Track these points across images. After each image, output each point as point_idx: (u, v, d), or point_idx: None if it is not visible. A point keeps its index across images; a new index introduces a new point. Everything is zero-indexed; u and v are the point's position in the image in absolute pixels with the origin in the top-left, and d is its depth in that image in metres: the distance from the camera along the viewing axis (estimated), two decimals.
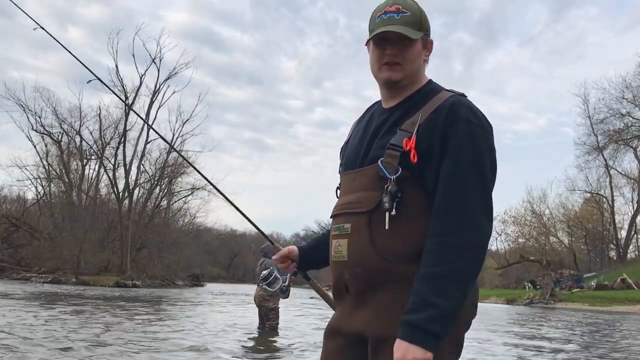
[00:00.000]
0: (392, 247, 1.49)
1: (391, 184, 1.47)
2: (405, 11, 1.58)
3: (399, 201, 1.47)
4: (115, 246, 40.64)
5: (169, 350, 6.46)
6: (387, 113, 1.65)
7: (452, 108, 1.51)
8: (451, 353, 1.50)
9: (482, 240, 1.44)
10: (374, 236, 1.50)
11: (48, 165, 43.74)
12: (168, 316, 12.27)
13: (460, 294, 1.39)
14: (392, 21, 1.57)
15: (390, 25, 1.56)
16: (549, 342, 10.04)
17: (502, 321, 16.66)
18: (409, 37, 1.55)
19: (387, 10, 1.59)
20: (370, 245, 1.50)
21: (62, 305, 13.11)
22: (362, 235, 1.53)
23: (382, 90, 1.69)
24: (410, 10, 1.59)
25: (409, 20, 1.57)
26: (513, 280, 53.05)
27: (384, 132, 1.60)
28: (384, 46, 1.58)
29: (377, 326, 1.48)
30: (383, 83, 1.64)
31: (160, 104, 43.22)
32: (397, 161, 1.50)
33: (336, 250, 1.61)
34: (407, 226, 1.48)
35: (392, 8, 1.58)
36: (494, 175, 1.52)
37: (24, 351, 5.76)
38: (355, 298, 1.57)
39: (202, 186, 45.45)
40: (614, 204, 52.23)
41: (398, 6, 1.59)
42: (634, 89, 47.08)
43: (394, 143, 1.52)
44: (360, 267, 1.53)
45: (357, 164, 1.63)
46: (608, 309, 28.88)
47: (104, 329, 8.18)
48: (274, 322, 8.91)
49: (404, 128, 1.54)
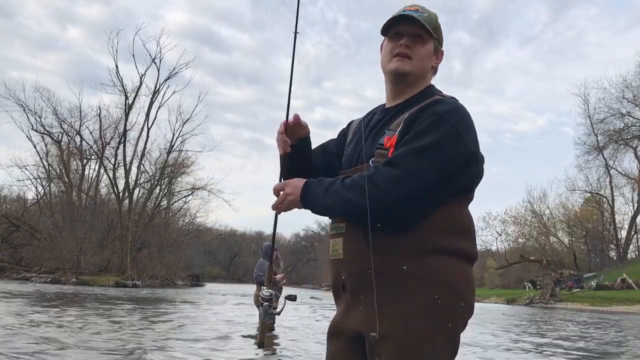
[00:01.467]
0: (386, 244, 1.51)
1: None
2: (423, 12, 1.67)
3: None
4: (115, 246, 40.62)
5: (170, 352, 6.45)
6: (384, 113, 1.71)
7: (431, 104, 1.57)
8: (445, 349, 1.51)
9: (376, 197, 1.47)
10: (368, 234, 1.52)
11: (48, 165, 43.77)
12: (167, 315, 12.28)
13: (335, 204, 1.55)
14: (410, 15, 1.65)
15: (408, 15, 1.64)
16: (550, 342, 10.04)
17: (502, 321, 16.66)
18: (422, 35, 1.64)
19: (406, 9, 1.68)
20: (365, 243, 1.52)
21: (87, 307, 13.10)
22: (356, 233, 1.56)
23: (388, 85, 1.73)
24: (428, 13, 1.69)
25: (426, 20, 1.65)
26: (513, 280, 53.04)
27: (376, 132, 1.66)
28: (398, 39, 1.66)
29: (373, 324, 1.48)
30: (391, 74, 1.69)
31: (161, 104, 43.24)
32: (385, 160, 1.54)
33: (333, 249, 1.64)
34: (400, 223, 1.52)
35: (411, 8, 1.68)
36: (441, 164, 1.50)
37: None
38: (351, 296, 1.59)
39: (202, 186, 45.57)
40: (614, 204, 52.32)
41: (417, 7, 1.68)
42: (634, 88, 47.13)
43: (381, 143, 1.59)
44: (356, 264, 1.55)
45: (352, 164, 1.69)
46: (608, 309, 28.87)
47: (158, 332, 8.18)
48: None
49: (391, 127, 1.60)
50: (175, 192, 47.84)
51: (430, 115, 1.53)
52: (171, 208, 48.94)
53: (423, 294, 1.49)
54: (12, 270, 34.52)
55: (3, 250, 37.88)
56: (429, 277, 1.50)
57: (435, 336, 1.49)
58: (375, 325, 1.47)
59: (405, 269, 1.49)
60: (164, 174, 45.07)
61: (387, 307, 1.49)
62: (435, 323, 1.49)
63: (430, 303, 1.49)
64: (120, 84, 40.91)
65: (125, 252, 38.56)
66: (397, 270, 1.50)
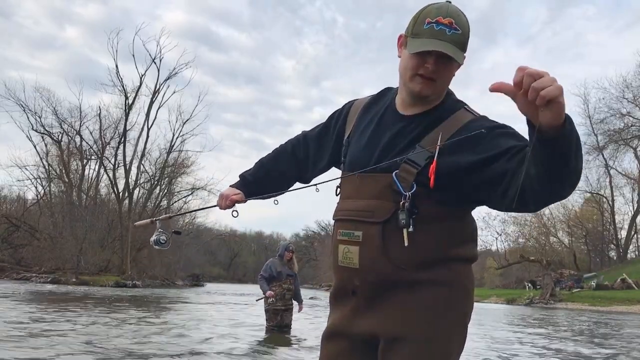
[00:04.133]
0: (405, 257, 1.50)
1: (407, 201, 1.46)
2: (457, 28, 1.48)
3: (414, 217, 1.47)
4: (115, 246, 40.63)
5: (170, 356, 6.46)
6: (405, 122, 1.59)
7: (481, 126, 1.48)
8: (460, 345, 1.58)
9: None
10: (388, 246, 1.51)
11: (48, 165, 43.75)
12: (167, 316, 12.28)
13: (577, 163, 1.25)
14: (443, 36, 1.47)
15: (440, 41, 1.46)
16: (552, 342, 10.04)
17: (503, 321, 16.66)
18: (453, 59, 1.48)
19: (439, 20, 1.48)
20: (384, 254, 1.51)
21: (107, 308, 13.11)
22: (375, 244, 1.53)
23: (405, 96, 1.61)
24: (462, 28, 1.49)
25: (458, 39, 1.48)
26: (513, 280, 53.03)
27: (402, 144, 1.55)
28: (425, 57, 1.49)
29: (392, 326, 1.52)
30: (412, 93, 1.57)
31: (161, 104, 43.28)
32: (413, 177, 1.48)
33: (345, 256, 1.59)
34: (422, 237, 1.49)
35: (445, 21, 1.47)
36: None
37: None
38: (365, 301, 1.58)
39: (202, 186, 45.59)
40: (614, 204, 52.27)
41: (451, 20, 1.48)
42: (635, 88, 47.05)
43: (413, 160, 1.49)
44: (374, 274, 1.54)
45: (366, 167, 1.58)
46: (608, 309, 28.87)
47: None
48: (268, 322, 8.93)
49: (423, 145, 1.51)
50: (175, 192, 47.90)
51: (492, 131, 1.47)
52: (171, 208, 48.95)
53: (439, 297, 1.53)
54: (12, 270, 34.54)
55: (3, 250, 37.90)
56: (444, 281, 1.54)
57: (453, 334, 1.56)
58: (393, 327, 1.51)
59: (421, 275, 1.52)
60: (164, 174, 45.10)
61: (405, 311, 1.52)
62: (453, 322, 1.55)
63: (446, 304, 1.54)
64: (120, 84, 41.03)
65: (125, 252, 38.57)
66: (414, 279, 1.52)
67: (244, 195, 1.83)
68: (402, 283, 1.52)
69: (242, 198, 1.82)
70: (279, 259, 9.01)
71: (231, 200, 1.81)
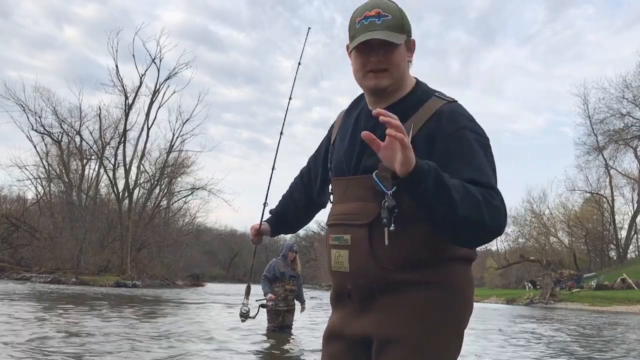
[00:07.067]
0: (392, 258, 1.50)
1: (388, 199, 1.41)
2: (386, 14, 1.52)
3: (396, 215, 1.41)
4: (115, 246, 40.62)
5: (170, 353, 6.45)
6: (375, 119, 1.54)
7: (451, 117, 1.50)
8: (454, 348, 1.54)
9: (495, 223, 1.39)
10: (375, 247, 1.51)
11: (48, 165, 43.78)
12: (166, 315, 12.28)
13: (462, 212, 1.31)
14: (374, 26, 1.51)
15: (372, 31, 1.50)
16: (552, 342, 10.04)
17: (503, 321, 16.65)
18: (393, 42, 1.50)
19: (367, 15, 1.53)
20: (372, 257, 1.51)
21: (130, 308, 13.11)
22: (362, 247, 1.53)
23: (368, 96, 1.64)
24: (391, 13, 1.52)
25: (390, 23, 1.51)
26: (513, 280, 53.11)
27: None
28: (368, 53, 1.52)
29: (383, 328, 1.52)
30: (369, 91, 1.60)
31: (161, 104, 43.27)
32: (391, 174, 1.45)
33: (337, 261, 1.61)
34: (406, 236, 1.47)
35: (372, 12, 1.52)
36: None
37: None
38: (359, 304, 1.59)
39: (202, 186, 45.59)
40: (614, 204, 52.28)
41: (378, 10, 1.52)
42: (634, 88, 47.11)
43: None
44: (363, 277, 1.54)
45: (349, 172, 1.61)
46: (608, 309, 28.87)
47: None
48: (270, 323, 8.93)
49: None
50: (175, 192, 47.88)
51: (458, 131, 1.48)
52: (171, 208, 48.97)
53: (430, 298, 1.51)
54: (12, 270, 34.53)
55: (3, 250, 37.90)
56: (437, 283, 1.51)
57: (447, 338, 1.53)
58: (385, 329, 1.50)
59: (409, 276, 1.50)
60: (164, 174, 45.09)
61: (396, 313, 1.51)
62: (445, 325, 1.52)
63: (437, 306, 1.51)
64: (120, 84, 41.01)
65: (125, 252, 38.56)
66: (403, 280, 1.50)
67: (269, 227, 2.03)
68: (392, 284, 1.51)
69: (266, 229, 2.03)
70: (282, 259, 9.01)
71: (254, 229, 2.03)
